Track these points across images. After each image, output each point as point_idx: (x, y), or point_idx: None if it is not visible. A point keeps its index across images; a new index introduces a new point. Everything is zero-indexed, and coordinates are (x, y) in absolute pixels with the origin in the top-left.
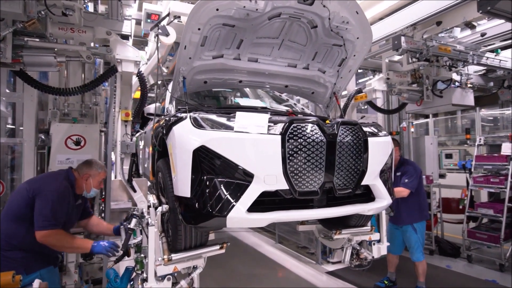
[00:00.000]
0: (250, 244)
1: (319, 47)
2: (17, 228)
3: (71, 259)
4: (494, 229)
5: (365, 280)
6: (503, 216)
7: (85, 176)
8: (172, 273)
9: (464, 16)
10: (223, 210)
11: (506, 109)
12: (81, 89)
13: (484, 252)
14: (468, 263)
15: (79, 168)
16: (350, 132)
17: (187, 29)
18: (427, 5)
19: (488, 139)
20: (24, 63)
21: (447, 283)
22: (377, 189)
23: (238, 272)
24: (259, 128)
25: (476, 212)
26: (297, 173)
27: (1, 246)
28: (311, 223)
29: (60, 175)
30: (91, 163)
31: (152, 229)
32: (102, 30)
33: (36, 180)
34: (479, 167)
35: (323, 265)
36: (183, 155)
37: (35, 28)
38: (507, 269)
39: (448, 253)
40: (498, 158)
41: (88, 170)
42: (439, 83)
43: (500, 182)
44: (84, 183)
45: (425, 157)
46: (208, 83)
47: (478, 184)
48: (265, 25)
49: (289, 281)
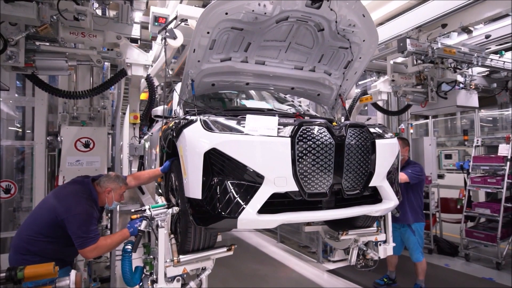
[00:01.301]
0: (253, 244)
1: (325, 50)
2: (38, 239)
3: (80, 257)
4: (491, 229)
5: (365, 278)
6: (499, 216)
7: (107, 190)
8: (181, 274)
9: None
10: (234, 212)
11: (506, 110)
12: (91, 92)
13: (482, 251)
14: (466, 261)
15: (101, 182)
16: (358, 134)
17: (196, 33)
18: (432, 8)
19: (486, 140)
20: (36, 67)
21: (446, 281)
22: (384, 190)
23: (241, 271)
24: (269, 131)
25: (474, 211)
26: (307, 175)
27: (20, 251)
28: (317, 224)
29: (84, 194)
30: (113, 177)
31: (162, 231)
32: (112, 34)
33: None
34: (476, 167)
35: (324, 264)
36: (194, 158)
37: (47, 33)
38: (504, 268)
39: (446, 252)
40: (495, 159)
41: (110, 184)
42: (444, 84)
43: (497, 182)
44: (106, 196)
45: (424, 158)
46: (216, 86)
47: (476, 184)
48: (273, 28)
49: (291, 279)
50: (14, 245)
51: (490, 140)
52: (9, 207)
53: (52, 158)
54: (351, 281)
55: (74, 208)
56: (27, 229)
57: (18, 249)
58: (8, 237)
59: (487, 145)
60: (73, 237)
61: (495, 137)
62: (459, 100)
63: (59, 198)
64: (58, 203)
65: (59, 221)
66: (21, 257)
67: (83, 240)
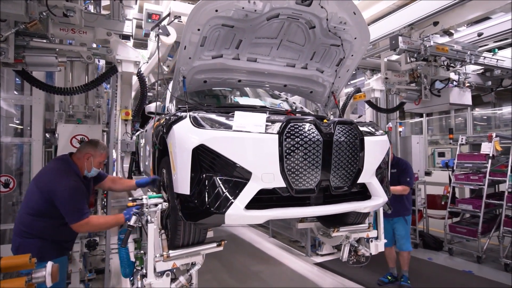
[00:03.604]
0: (245, 239)
1: (317, 47)
2: (36, 221)
3: (76, 248)
4: (474, 224)
5: (350, 271)
6: (481, 212)
7: (86, 155)
8: (171, 269)
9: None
10: (221, 207)
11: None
12: (82, 88)
13: (466, 246)
14: (449, 255)
15: (81, 148)
16: (347, 131)
17: (187, 30)
18: (424, 6)
19: (470, 139)
20: (26, 63)
21: (427, 274)
22: (373, 187)
23: (233, 265)
24: (257, 127)
25: (457, 207)
26: (294, 171)
27: (22, 234)
28: (310, 221)
29: (64, 168)
30: (95, 143)
31: (152, 226)
32: (102, 31)
33: (44, 180)
34: (460, 165)
35: (312, 257)
36: (183, 154)
37: (36, 29)
38: (484, 261)
39: (431, 247)
40: (478, 156)
41: (90, 149)
42: (437, 82)
43: (479, 179)
44: (85, 162)
45: (412, 156)
46: (208, 83)
47: (459, 181)
48: (264, 26)
49: (280, 273)
50: (15, 230)
51: (474, 139)
52: (9, 201)
53: (49, 154)
54: (336, 274)
55: (59, 183)
56: (23, 212)
57: (19, 233)
58: (7, 229)
59: (473, 143)
60: (62, 212)
61: (479, 135)
62: (452, 98)
63: (42, 179)
64: (43, 183)
65: (47, 199)
66: (21, 241)
67: (73, 214)
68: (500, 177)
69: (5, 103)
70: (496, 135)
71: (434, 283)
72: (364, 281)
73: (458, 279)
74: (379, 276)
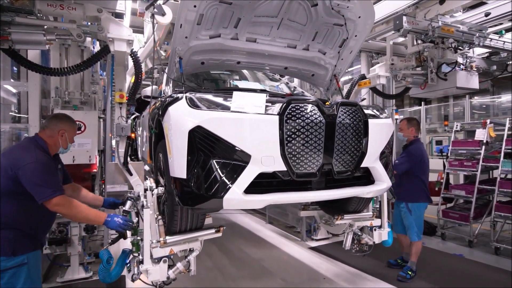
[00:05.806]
0: (243, 225)
1: (319, 27)
2: (7, 205)
3: (75, 232)
4: (466, 209)
5: (343, 254)
6: (473, 197)
7: (60, 131)
8: (168, 255)
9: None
10: (219, 192)
11: (497, 97)
12: (73, 69)
13: (458, 231)
14: (442, 240)
15: (51, 124)
16: (350, 113)
17: (182, 7)
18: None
19: (465, 126)
20: (12, 41)
21: (419, 257)
22: (377, 171)
23: (231, 250)
24: (256, 108)
25: (450, 193)
26: (295, 155)
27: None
28: (312, 208)
29: (31, 144)
30: (63, 117)
31: (147, 211)
32: (92, 7)
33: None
34: (455, 151)
35: (307, 242)
36: (179, 136)
37: (22, 4)
38: (475, 245)
39: (424, 232)
40: (472, 143)
41: (62, 124)
42: (444, 65)
43: (472, 165)
44: (60, 138)
45: None
46: (205, 64)
47: (453, 167)
48: (264, 3)
49: (278, 257)
50: None
51: (469, 126)
52: None
53: None
54: (329, 257)
55: (24, 158)
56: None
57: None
58: None
59: (468, 130)
60: (29, 189)
61: (474, 122)
62: (459, 82)
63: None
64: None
65: (12, 176)
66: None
67: (41, 190)
68: (494, 163)
69: (3, 91)
70: (491, 121)
71: (425, 266)
72: (357, 264)
73: (448, 262)
74: (372, 260)
